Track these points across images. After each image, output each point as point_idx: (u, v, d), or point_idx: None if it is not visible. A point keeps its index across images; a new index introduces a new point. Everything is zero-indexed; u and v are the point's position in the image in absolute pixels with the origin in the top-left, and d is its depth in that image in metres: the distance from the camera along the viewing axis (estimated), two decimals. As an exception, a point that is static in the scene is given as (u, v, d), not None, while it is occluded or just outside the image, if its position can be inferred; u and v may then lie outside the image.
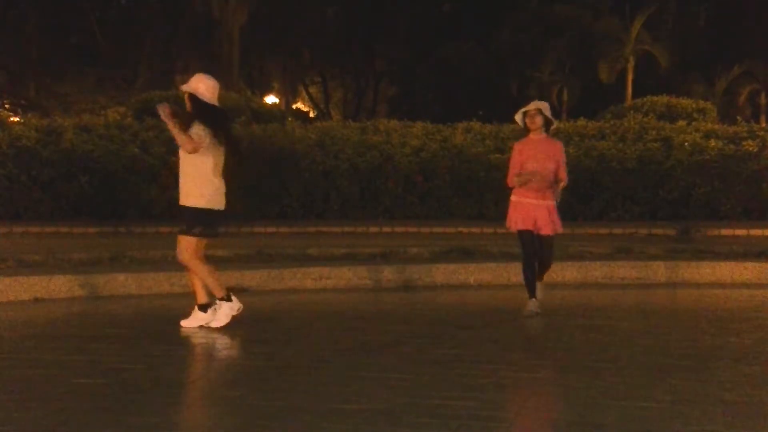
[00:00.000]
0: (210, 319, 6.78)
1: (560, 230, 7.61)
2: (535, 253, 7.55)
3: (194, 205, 6.73)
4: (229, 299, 6.77)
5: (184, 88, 6.95)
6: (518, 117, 7.59)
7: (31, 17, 35.11)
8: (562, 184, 7.51)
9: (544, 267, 7.69)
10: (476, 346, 6.34)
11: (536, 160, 7.40)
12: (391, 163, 14.83)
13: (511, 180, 7.50)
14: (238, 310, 6.80)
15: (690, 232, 12.21)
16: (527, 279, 7.56)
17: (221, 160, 6.76)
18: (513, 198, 7.57)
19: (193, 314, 6.88)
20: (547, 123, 7.51)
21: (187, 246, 6.76)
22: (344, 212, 14.81)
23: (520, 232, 7.52)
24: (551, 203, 7.49)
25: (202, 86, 6.86)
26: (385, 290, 9.00)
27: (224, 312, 6.77)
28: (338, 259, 9.84)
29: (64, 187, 14.26)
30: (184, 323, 6.86)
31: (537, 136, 7.50)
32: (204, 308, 6.82)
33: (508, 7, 36.16)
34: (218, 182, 6.76)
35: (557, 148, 7.58)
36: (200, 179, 6.73)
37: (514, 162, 7.53)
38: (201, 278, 6.80)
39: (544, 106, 7.57)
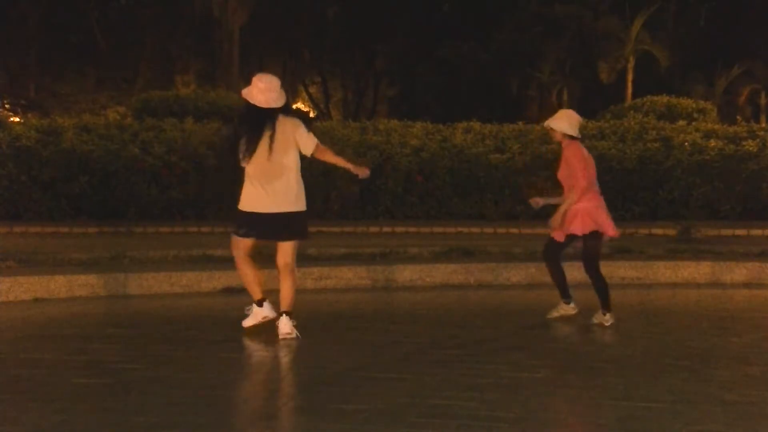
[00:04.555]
0: (268, 314, 6.83)
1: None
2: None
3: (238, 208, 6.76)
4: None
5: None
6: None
7: (32, 17, 35.12)
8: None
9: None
10: (476, 346, 6.34)
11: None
12: (391, 163, 14.83)
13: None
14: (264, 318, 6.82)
15: (690, 232, 12.20)
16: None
17: (261, 163, 6.66)
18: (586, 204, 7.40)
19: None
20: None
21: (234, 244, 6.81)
22: (344, 212, 14.80)
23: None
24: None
25: (255, 90, 6.74)
26: (385, 290, 9.00)
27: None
28: (338, 259, 9.83)
29: (64, 187, 14.25)
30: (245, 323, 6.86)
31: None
32: (260, 303, 6.86)
33: (508, 7, 36.17)
34: (255, 186, 6.70)
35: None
36: (244, 183, 6.74)
37: None
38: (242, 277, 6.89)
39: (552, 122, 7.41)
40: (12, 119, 24.40)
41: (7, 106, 35.35)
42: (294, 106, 42.56)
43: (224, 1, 30.96)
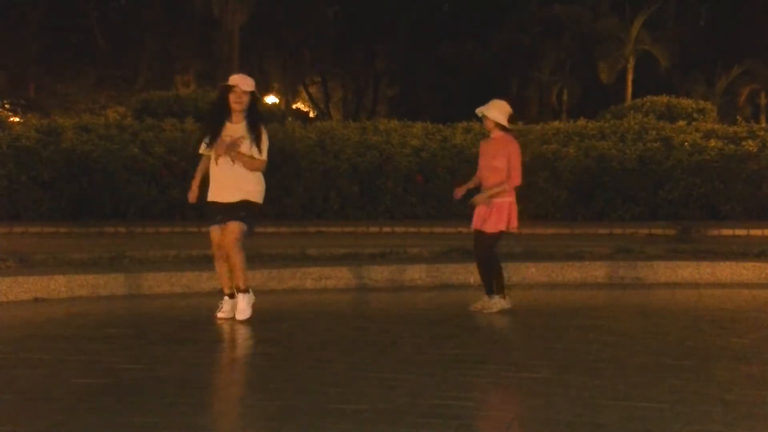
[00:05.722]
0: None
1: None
2: None
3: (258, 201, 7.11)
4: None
5: (247, 87, 7.03)
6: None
7: (31, 17, 35.12)
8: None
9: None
10: (476, 346, 6.34)
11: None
12: (391, 163, 14.83)
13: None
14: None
15: (690, 232, 12.21)
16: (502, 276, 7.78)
17: None
18: (512, 198, 7.64)
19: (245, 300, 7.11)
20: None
21: (239, 235, 6.99)
22: (344, 212, 14.81)
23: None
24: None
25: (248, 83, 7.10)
26: (385, 290, 9.00)
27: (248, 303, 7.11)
28: (338, 259, 9.84)
29: (64, 187, 14.26)
30: (240, 316, 7.05)
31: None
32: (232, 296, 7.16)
33: (508, 7, 36.18)
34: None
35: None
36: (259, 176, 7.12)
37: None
38: (240, 266, 7.03)
39: (487, 109, 7.60)
40: (12, 119, 24.41)
41: (7, 106, 35.35)
42: (294, 106, 42.62)
43: (224, 1, 30.97)
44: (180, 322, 7.21)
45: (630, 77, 33.85)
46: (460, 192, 7.71)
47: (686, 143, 15.15)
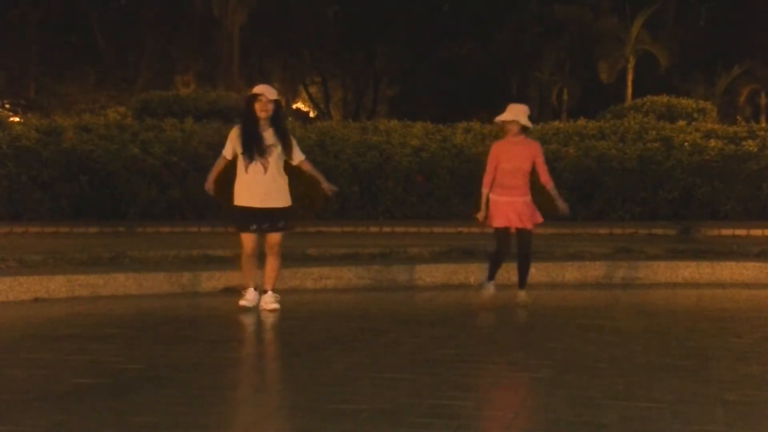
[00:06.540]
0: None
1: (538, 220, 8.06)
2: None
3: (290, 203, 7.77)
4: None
5: (272, 96, 7.45)
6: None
7: (31, 17, 35.12)
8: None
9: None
10: (476, 346, 6.34)
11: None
12: (391, 163, 14.82)
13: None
14: None
15: (690, 232, 12.20)
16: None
17: None
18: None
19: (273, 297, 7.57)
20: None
21: (281, 242, 7.64)
22: (344, 212, 14.79)
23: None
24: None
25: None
26: (385, 290, 9.00)
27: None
28: (338, 259, 9.83)
29: (64, 187, 14.25)
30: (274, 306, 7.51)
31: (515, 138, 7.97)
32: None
33: (508, 7, 36.18)
34: None
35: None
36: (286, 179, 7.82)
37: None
38: (278, 269, 7.68)
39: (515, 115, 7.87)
40: (12, 119, 24.41)
41: (7, 106, 35.34)
42: (294, 106, 42.65)
43: (224, 1, 30.97)
44: (180, 321, 7.21)
45: (630, 77, 33.85)
46: (483, 215, 8.15)
47: (686, 143, 15.14)
